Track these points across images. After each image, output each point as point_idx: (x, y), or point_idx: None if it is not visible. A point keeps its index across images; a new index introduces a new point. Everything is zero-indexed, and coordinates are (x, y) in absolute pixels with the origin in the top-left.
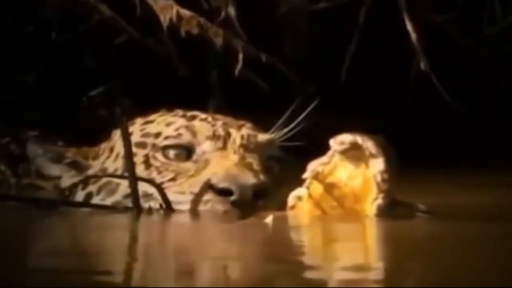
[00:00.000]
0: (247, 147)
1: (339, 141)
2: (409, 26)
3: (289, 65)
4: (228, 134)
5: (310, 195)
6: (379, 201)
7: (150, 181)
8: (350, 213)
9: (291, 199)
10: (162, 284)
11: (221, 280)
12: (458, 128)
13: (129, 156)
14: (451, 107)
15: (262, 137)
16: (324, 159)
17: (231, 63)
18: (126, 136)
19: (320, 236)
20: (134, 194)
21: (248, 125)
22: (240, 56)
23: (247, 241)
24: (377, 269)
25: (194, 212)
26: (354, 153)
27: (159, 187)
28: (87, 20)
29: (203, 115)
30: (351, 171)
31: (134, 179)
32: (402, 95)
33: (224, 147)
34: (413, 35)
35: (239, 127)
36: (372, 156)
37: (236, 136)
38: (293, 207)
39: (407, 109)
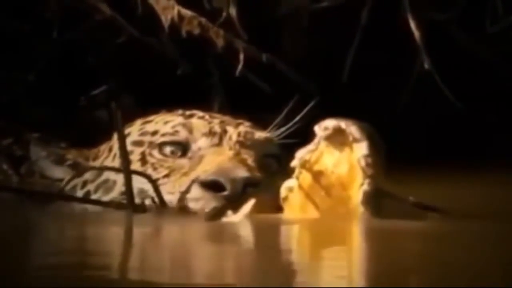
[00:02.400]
0: (243, 143)
1: (323, 127)
2: (412, 24)
3: (290, 65)
4: (224, 131)
5: (300, 186)
6: (365, 187)
7: (144, 174)
8: (339, 203)
9: (283, 191)
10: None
11: (215, 277)
12: (459, 127)
13: (123, 149)
14: (452, 106)
15: (260, 134)
16: (311, 146)
17: (233, 63)
18: (121, 130)
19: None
20: (128, 189)
21: (246, 123)
22: (241, 56)
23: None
24: (371, 268)
25: (181, 210)
26: (338, 139)
27: (153, 182)
28: (88, 19)
29: (201, 114)
30: (336, 157)
31: (128, 173)
32: (404, 94)
33: (219, 143)
34: (416, 33)
35: (237, 125)
36: (355, 140)
37: (233, 133)
38: (285, 199)
39: (408, 108)
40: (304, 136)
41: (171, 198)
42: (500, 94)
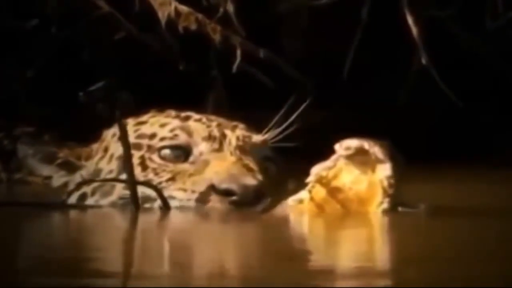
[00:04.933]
0: (242, 148)
1: (345, 146)
2: (409, 20)
3: (289, 62)
4: (223, 135)
5: (312, 198)
6: (385, 205)
7: (147, 184)
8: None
9: (291, 202)
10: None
11: (218, 278)
12: (458, 124)
13: (127, 158)
14: (451, 103)
15: (256, 138)
16: (328, 163)
17: (231, 58)
18: (125, 138)
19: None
20: (133, 196)
21: (241, 125)
22: (238, 52)
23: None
24: (380, 268)
25: (197, 212)
26: (359, 158)
27: (156, 188)
28: (86, 15)
29: (196, 116)
30: (356, 176)
31: (133, 182)
32: (403, 91)
33: (220, 149)
34: (414, 29)
35: (233, 128)
36: (379, 161)
37: (232, 137)
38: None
39: (408, 105)
40: (303, 139)
41: (182, 195)
42: (500, 92)
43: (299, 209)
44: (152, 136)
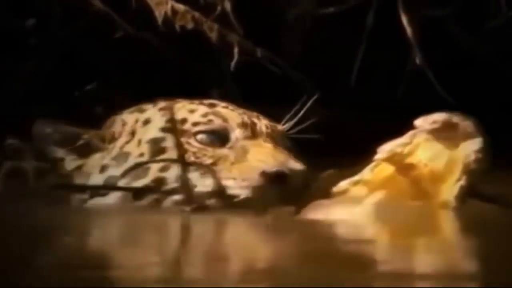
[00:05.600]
0: (272, 136)
1: (432, 120)
2: (404, 20)
3: (289, 61)
4: (253, 123)
5: (369, 180)
6: (462, 182)
7: (201, 164)
8: (422, 197)
9: (343, 184)
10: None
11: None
12: None
13: (179, 144)
14: (451, 103)
15: (280, 127)
16: (403, 139)
17: (229, 56)
18: (174, 125)
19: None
20: (184, 183)
21: (260, 115)
22: (236, 50)
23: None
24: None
25: (254, 203)
26: (443, 133)
27: (211, 169)
28: (85, 15)
29: (222, 103)
30: (435, 152)
31: (184, 166)
32: (400, 90)
33: (253, 136)
34: (409, 29)
35: (257, 117)
36: (469, 135)
37: (261, 125)
38: (342, 192)
39: (406, 106)
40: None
41: (231, 183)
42: (500, 91)
43: (349, 192)
44: (183, 121)
